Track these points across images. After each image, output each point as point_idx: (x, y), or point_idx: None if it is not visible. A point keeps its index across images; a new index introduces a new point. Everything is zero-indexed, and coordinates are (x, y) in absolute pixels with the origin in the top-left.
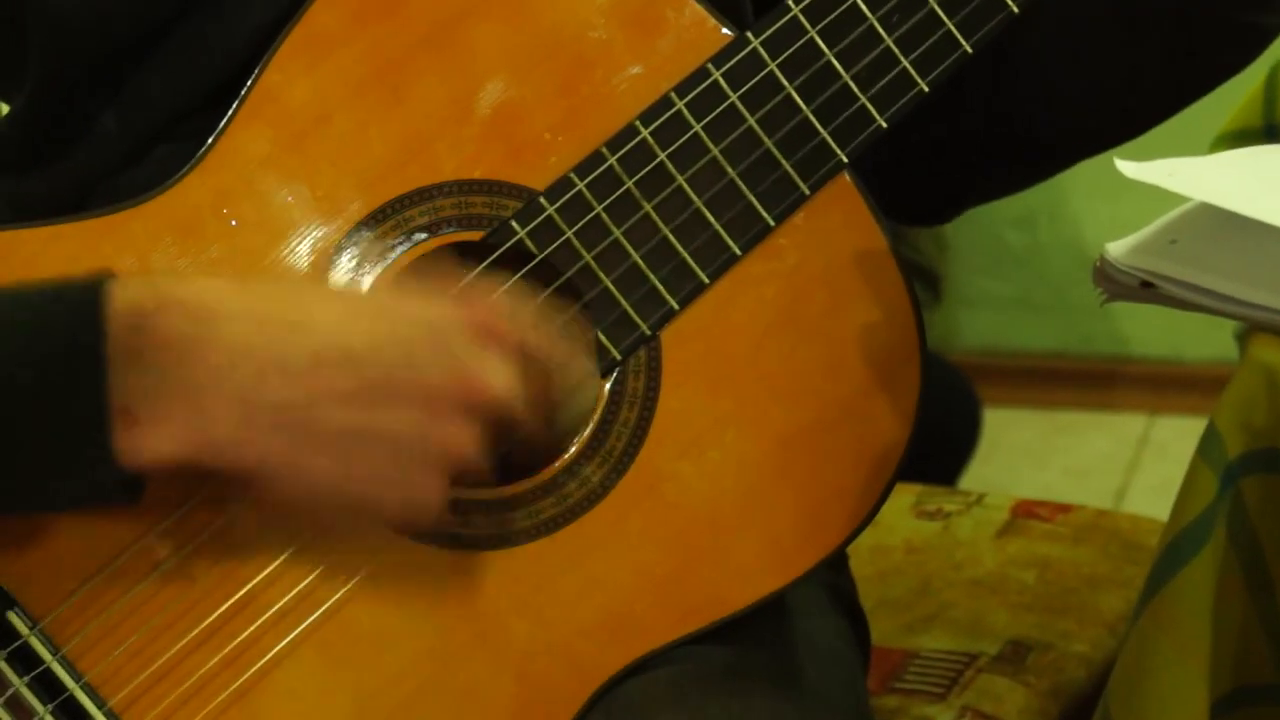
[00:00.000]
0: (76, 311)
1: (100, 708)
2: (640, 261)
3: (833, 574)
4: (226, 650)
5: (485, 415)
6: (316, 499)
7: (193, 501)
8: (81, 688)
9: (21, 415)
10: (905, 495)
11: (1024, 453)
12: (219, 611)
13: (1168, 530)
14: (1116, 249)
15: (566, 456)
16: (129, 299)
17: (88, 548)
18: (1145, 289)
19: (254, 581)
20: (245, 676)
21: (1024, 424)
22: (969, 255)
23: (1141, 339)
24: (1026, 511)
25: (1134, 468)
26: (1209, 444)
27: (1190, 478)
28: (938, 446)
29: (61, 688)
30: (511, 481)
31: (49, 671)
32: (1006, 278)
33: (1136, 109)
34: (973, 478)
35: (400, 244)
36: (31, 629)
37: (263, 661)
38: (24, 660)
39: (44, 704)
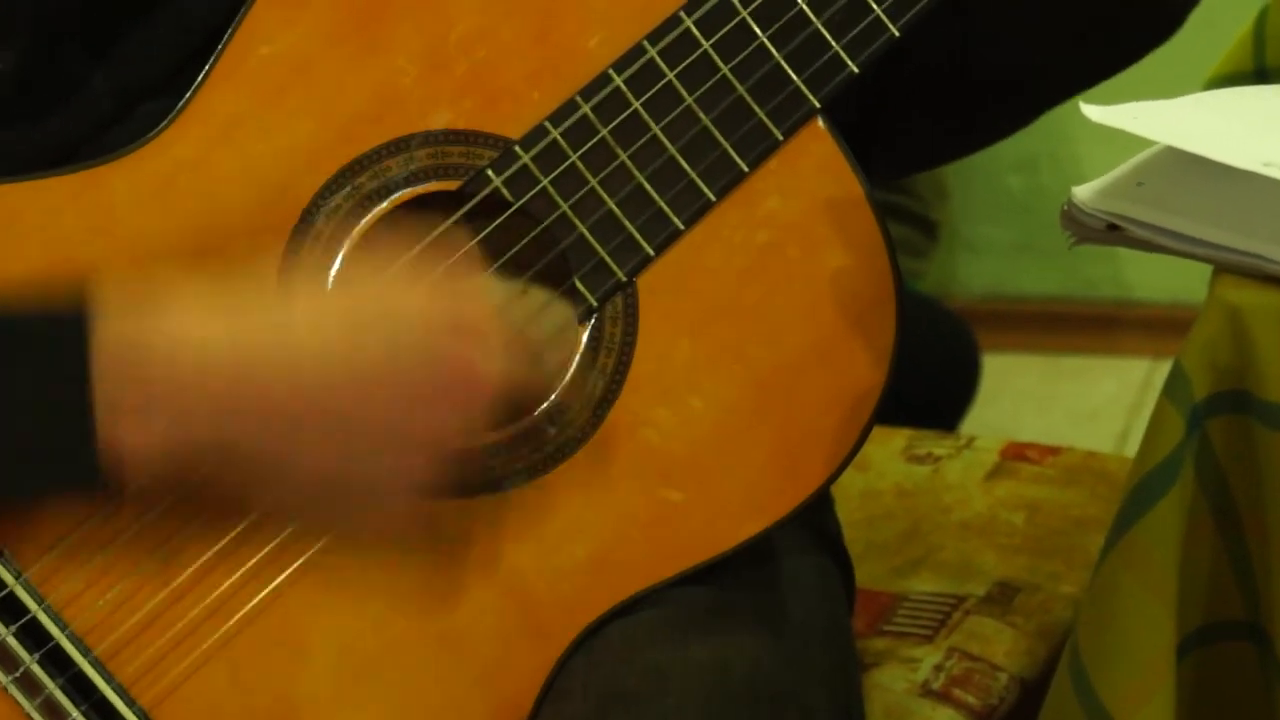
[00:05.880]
0: (62, 324)
1: (85, 655)
2: (616, 209)
3: (817, 516)
4: (209, 600)
5: (472, 401)
6: (311, 491)
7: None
8: (67, 637)
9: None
10: (896, 439)
11: (1027, 398)
12: (200, 561)
13: (1135, 471)
14: (1083, 192)
15: (545, 405)
16: (114, 330)
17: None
18: (1111, 231)
19: (236, 530)
20: (229, 624)
21: (1027, 369)
22: (970, 201)
23: (1144, 283)
24: (1016, 454)
25: (1137, 411)
26: (1175, 385)
27: (1157, 419)
28: (936, 392)
29: (48, 637)
30: (491, 429)
31: (35, 621)
32: (1008, 223)
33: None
34: (976, 423)
35: (377, 195)
36: (17, 579)
37: (246, 609)
38: (10, 611)
39: (30, 654)
